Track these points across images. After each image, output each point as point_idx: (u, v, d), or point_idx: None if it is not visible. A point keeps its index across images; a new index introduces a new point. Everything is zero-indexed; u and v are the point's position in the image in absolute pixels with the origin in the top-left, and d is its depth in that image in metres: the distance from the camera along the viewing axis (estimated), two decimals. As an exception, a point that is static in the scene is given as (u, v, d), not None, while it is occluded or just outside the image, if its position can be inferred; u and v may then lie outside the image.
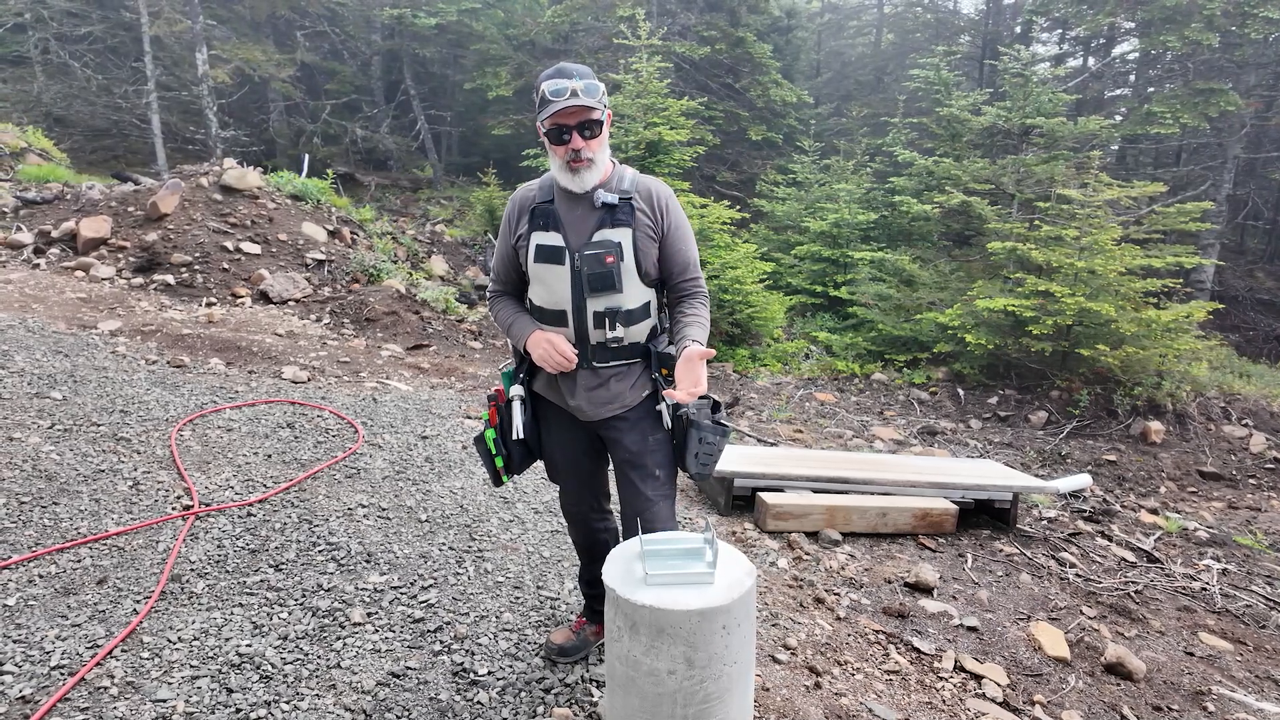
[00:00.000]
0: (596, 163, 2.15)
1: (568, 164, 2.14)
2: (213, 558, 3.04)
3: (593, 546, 2.60)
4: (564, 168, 2.15)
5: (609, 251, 2.18)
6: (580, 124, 2.09)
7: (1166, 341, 7.56)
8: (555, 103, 2.05)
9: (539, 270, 2.24)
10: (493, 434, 2.38)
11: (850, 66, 22.69)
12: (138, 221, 8.47)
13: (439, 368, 6.84)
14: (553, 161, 2.19)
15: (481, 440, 2.41)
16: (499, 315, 2.41)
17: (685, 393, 2.03)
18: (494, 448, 2.38)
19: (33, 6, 15.49)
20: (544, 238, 2.22)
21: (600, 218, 2.19)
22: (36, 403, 4.23)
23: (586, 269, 2.18)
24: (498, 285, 2.43)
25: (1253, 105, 13.48)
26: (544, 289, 2.26)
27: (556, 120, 2.08)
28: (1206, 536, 5.07)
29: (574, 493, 2.52)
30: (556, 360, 2.22)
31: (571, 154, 2.12)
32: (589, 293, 2.19)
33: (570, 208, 2.22)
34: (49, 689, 2.23)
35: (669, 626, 1.72)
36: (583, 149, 2.12)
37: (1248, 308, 14.81)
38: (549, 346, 2.23)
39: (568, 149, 2.12)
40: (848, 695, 2.75)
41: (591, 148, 2.13)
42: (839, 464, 4.75)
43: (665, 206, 2.26)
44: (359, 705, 2.33)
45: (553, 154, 2.17)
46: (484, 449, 2.41)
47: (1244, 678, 3.38)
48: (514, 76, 17.86)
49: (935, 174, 11.52)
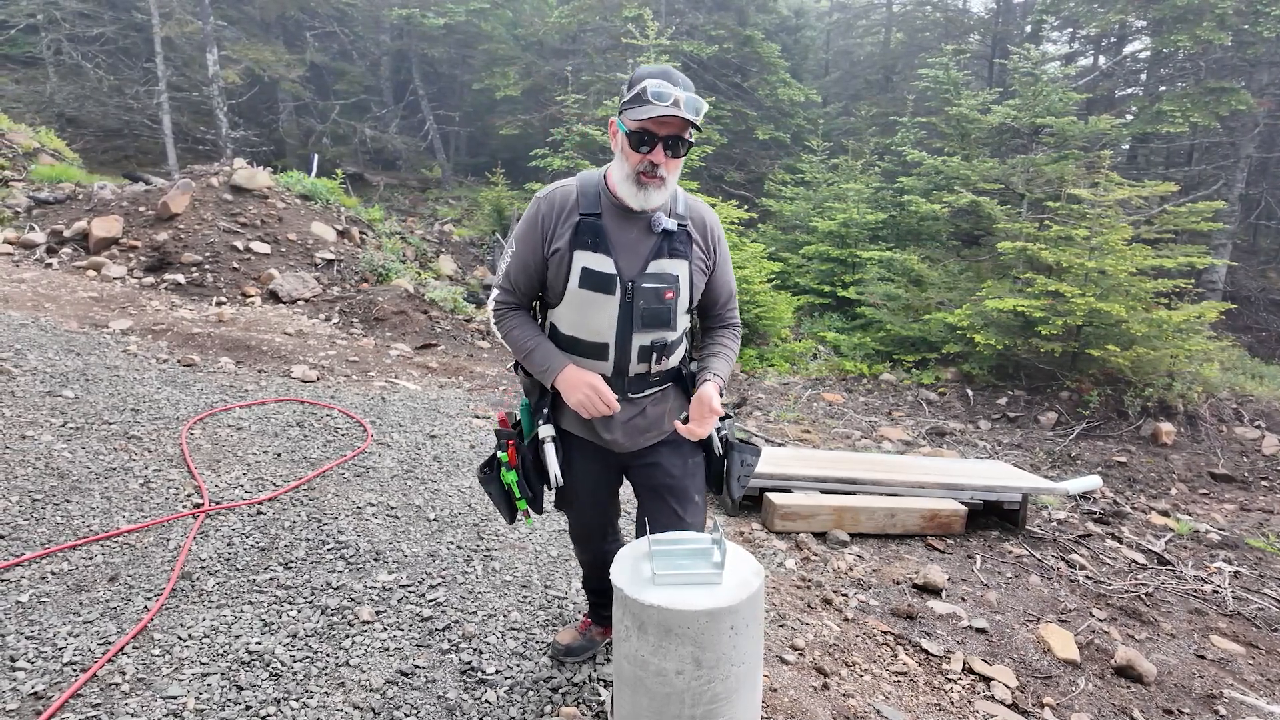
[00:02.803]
0: (668, 185, 1.92)
1: (638, 175, 1.89)
2: (223, 556, 3.06)
3: (603, 565, 2.39)
4: (632, 178, 1.89)
5: (669, 287, 1.98)
6: (671, 137, 1.87)
7: (1178, 342, 7.51)
8: (654, 106, 1.82)
9: (581, 297, 1.97)
10: (514, 476, 2.13)
11: (859, 65, 22.60)
12: (149, 221, 8.53)
13: (447, 367, 6.86)
14: (619, 167, 1.93)
15: (497, 480, 2.18)
16: (513, 334, 2.06)
17: (697, 427, 1.98)
18: (517, 490, 2.14)
19: (45, 8, 15.62)
20: (592, 260, 1.94)
21: (657, 245, 1.97)
22: (49, 401, 4.26)
23: (642, 303, 1.96)
24: (509, 297, 2.09)
25: (1265, 104, 13.36)
26: (580, 318, 2.01)
27: (647, 125, 1.84)
28: (1218, 539, 5.04)
29: (589, 522, 2.36)
30: (599, 409, 1.98)
31: (648, 166, 1.88)
32: (638, 328, 1.99)
33: (622, 227, 1.96)
34: (61, 685, 2.25)
35: (677, 627, 1.72)
36: (662, 165, 1.88)
37: (1260, 308, 14.69)
38: (591, 394, 1.97)
39: (645, 159, 1.87)
40: (856, 696, 2.74)
41: (670, 167, 1.90)
42: (847, 464, 4.73)
43: (717, 238, 2.10)
44: (367, 703, 2.34)
45: (622, 158, 1.91)
46: (499, 490, 2.18)
47: (1256, 681, 3.36)
48: (522, 76, 17.90)
49: (944, 173, 11.47)
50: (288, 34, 19.20)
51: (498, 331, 2.11)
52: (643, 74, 1.88)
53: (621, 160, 1.92)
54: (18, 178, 9.80)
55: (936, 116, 13.38)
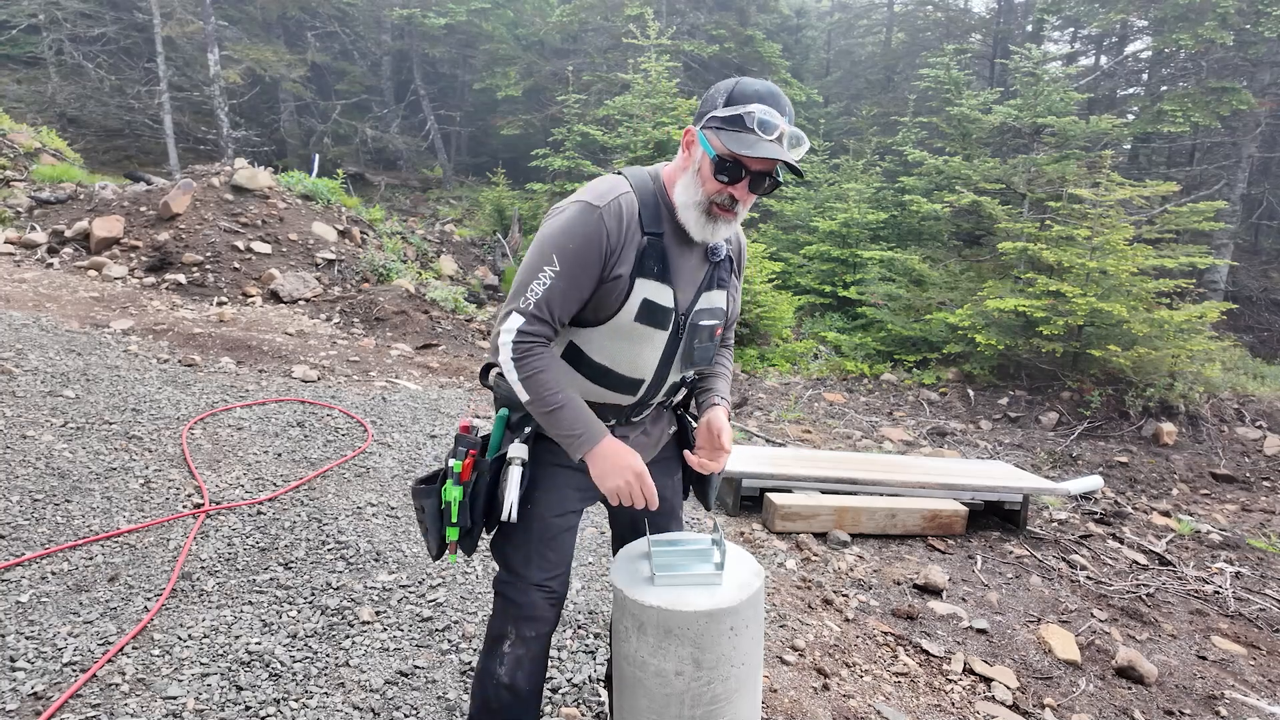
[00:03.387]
0: (739, 219, 1.67)
1: (711, 206, 1.61)
2: (223, 556, 3.06)
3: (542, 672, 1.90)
4: (704, 208, 1.61)
5: (719, 323, 1.80)
6: (764, 173, 1.60)
7: (1179, 342, 7.50)
8: (756, 138, 1.54)
9: (632, 330, 1.68)
10: (459, 494, 1.73)
11: (860, 65, 22.58)
12: (150, 221, 8.54)
13: (448, 367, 6.86)
14: (688, 190, 1.62)
15: (435, 495, 1.76)
16: (539, 380, 1.63)
17: (711, 460, 1.83)
18: (455, 513, 1.73)
19: (47, 8, 15.63)
20: (654, 291, 1.66)
21: (709, 274, 1.76)
22: (50, 401, 4.27)
23: (696, 342, 1.77)
24: (542, 330, 1.64)
25: (1267, 104, 13.34)
26: (621, 350, 1.72)
27: (742, 156, 1.56)
28: (1219, 539, 5.03)
29: (557, 576, 1.84)
30: (637, 501, 1.69)
31: (726, 199, 1.60)
32: (681, 365, 1.79)
33: (682, 252, 1.70)
34: (61, 685, 2.25)
35: (677, 627, 1.72)
36: (743, 202, 1.63)
37: (1262, 308, 14.67)
38: (634, 483, 1.67)
39: (725, 191, 1.59)
40: (856, 697, 2.74)
41: (748, 201, 1.64)
42: (848, 465, 4.73)
43: (744, 262, 1.93)
44: (367, 703, 2.34)
45: (695, 181, 1.61)
46: (434, 507, 1.76)
47: (1257, 682, 3.35)
48: (523, 76, 17.91)
49: (945, 173, 11.46)
50: (289, 34, 19.21)
51: (514, 371, 1.63)
52: (748, 92, 1.56)
53: (694, 183, 1.62)
54: (19, 178, 9.81)
55: (938, 116, 13.37)
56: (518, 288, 1.64)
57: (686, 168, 1.65)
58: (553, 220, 1.65)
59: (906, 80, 18.23)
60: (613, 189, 1.65)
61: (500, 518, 1.72)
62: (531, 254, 1.64)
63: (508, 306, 1.65)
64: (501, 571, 1.86)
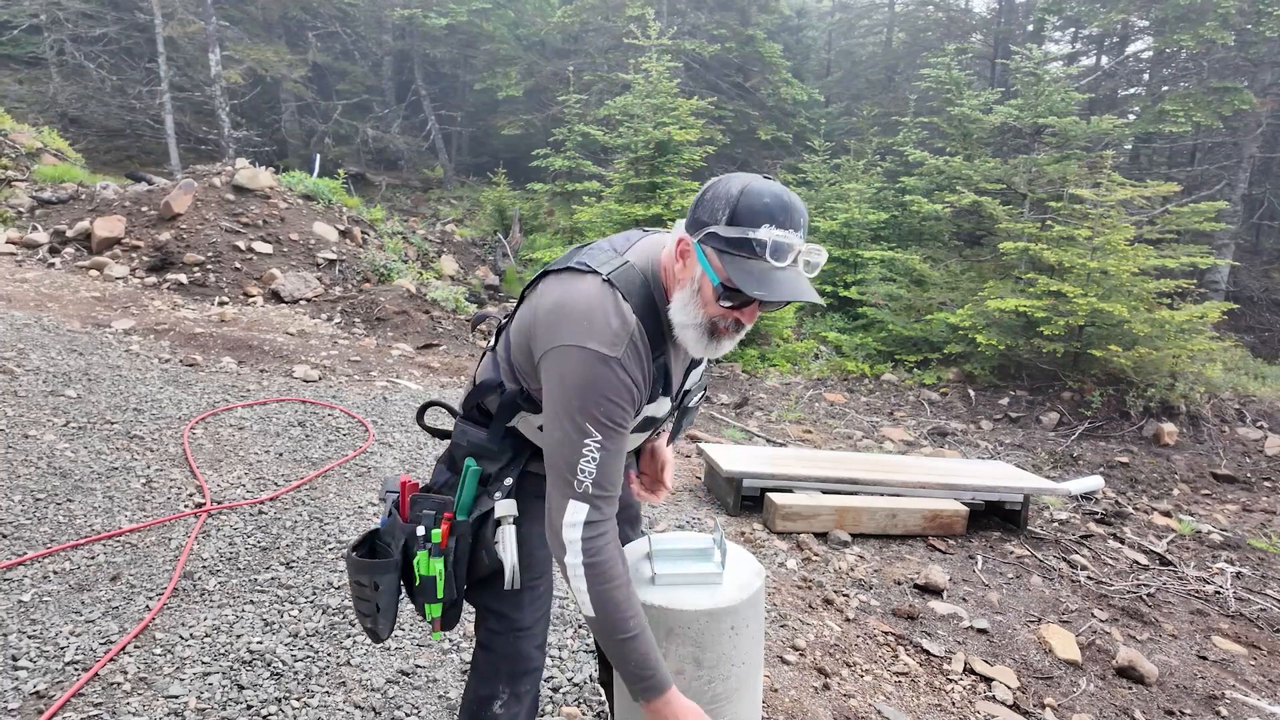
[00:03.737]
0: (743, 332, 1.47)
1: (713, 328, 1.41)
2: (224, 555, 3.07)
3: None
4: (704, 329, 1.41)
5: (704, 388, 1.73)
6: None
7: (1180, 342, 7.50)
8: (769, 268, 1.32)
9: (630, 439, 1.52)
10: (440, 565, 1.52)
11: (861, 65, 22.57)
12: (151, 221, 8.55)
13: (449, 367, 6.87)
14: (686, 310, 1.41)
15: (400, 571, 1.55)
16: (615, 601, 1.40)
17: (652, 495, 1.76)
18: (442, 588, 1.52)
19: (48, 8, 15.64)
20: (655, 407, 1.55)
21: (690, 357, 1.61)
22: (51, 400, 4.27)
23: (686, 420, 1.72)
24: (608, 509, 1.42)
25: (1268, 104, 13.33)
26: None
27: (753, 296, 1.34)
28: (1220, 539, 5.03)
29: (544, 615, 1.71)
30: None
31: (732, 324, 1.41)
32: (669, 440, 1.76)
33: (677, 356, 1.55)
34: (63, 684, 2.26)
35: (677, 627, 1.72)
36: (750, 322, 1.44)
37: (1263, 308, 14.66)
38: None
39: (731, 315, 1.39)
40: (856, 697, 2.74)
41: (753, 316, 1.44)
42: (848, 465, 4.73)
43: None
44: (369, 702, 2.34)
45: (695, 302, 1.40)
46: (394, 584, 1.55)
47: (1258, 682, 3.35)
48: (524, 76, 17.91)
49: (946, 173, 11.45)
50: (290, 34, 19.22)
51: (584, 579, 1.39)
52: (756, 208, 1.31)
53: (694, 303, 1.40)
54: (21, 178, 9.82)
55: (938, 116, 13.36)
56: (562, 469, 1.39)
57: (683, 282, 1.41)
58: (566, 377, 1.38)
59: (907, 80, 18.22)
60: (622, 328, 1.38)
61: (505, 583, 1.50)
62: (560, 423, 1.38)
63: (560, 493, 1.40)
64: (489, 620, 1.64)
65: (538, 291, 1.52)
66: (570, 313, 1.40)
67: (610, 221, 10.46)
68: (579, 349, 1.37)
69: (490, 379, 1.61)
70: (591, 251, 1.51)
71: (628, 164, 10.66)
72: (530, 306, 1.51)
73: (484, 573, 1.56)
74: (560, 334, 1.39)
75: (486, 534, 1.55)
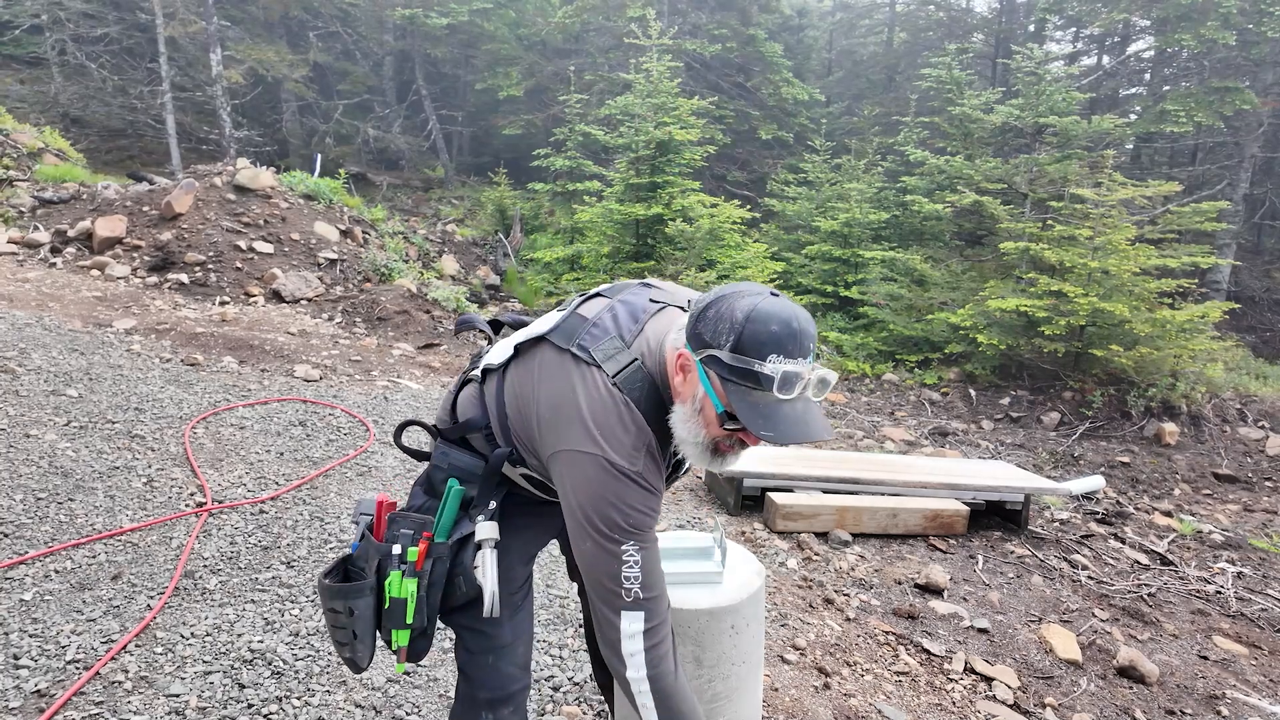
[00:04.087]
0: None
1: (715, 446, 1.35)
2: (225, 554, 3.07)
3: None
4: (707, 447, 1.35)
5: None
6: None
7: (1181, 342, 7.49)
8: (776, 403, 1.25)
9: None
10: (414, 587, 1.45)
11: (862, 65, 22.55)
12: (152, 221, 8.55)
13: (450, 366, 6.87)
14: (687, 426, 1.34)
15: (370, 593, 1.48)
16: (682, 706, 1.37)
17: None
18: (411, 613, 1.45)
19: (49, 8, 15.65)
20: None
21: None
22: (53, 400, 4.28)
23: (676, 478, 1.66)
24: (662, 609, 1.39)
25: (1270, 104, 13.32)
26: None
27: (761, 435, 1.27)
28: (1221, 539, 5.02)
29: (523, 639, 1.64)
30: None
31: (738, 444, 1.36)
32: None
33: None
34: (64, 683, 2.26)
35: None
36: (753, 445, 1.38)
37: (1264, 308, 14.65)
38: None
39: (735, 436, 1.33)
40: (857, 696, 2.74)
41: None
42: (849, 464, 4.73)
43: None
44: (369, 701, 2.34)
45: (697, 420, 1.33)
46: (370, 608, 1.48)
47: (1259, 682, 3.35)
48: (525, 76, 17.91)
49: (947, 173, 11.44)
50: (291, 34, 19.23)
51: (648, 696, 1.34)
52: (762, 336, 1.24)
53: (696, 423, 1.33)
54: (22, 177, 9.83)
55: (939, 116, 13.35)
56: (605, 581, 1.34)
57: (684, 398, 1.34)
58: (588, 488, 1.33)
59: (908, 80, 18.21)
60: (638, 439, 1.34)
61: (484, 610, 1.44)
62: (590, 538, 1.34)
63: (609, 606, 1.35)
64: (466, 640, 1.59)
65: (535, 363, 1.44)
66: (580, 415, 1.33)
67: (611, 221, 10.47)
68: (594, 458, 1.31)
69: (475, 419, 1.53)
70: (595, 334, 1.41)
71: (628, 164, 10.66)
72: (529, 378, 1.44)
73: (459, 601, 1.50)
74: (571, 437, 1.34)
75: (465, 558, 1.49)
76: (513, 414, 1.48)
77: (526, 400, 1.44)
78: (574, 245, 11.50)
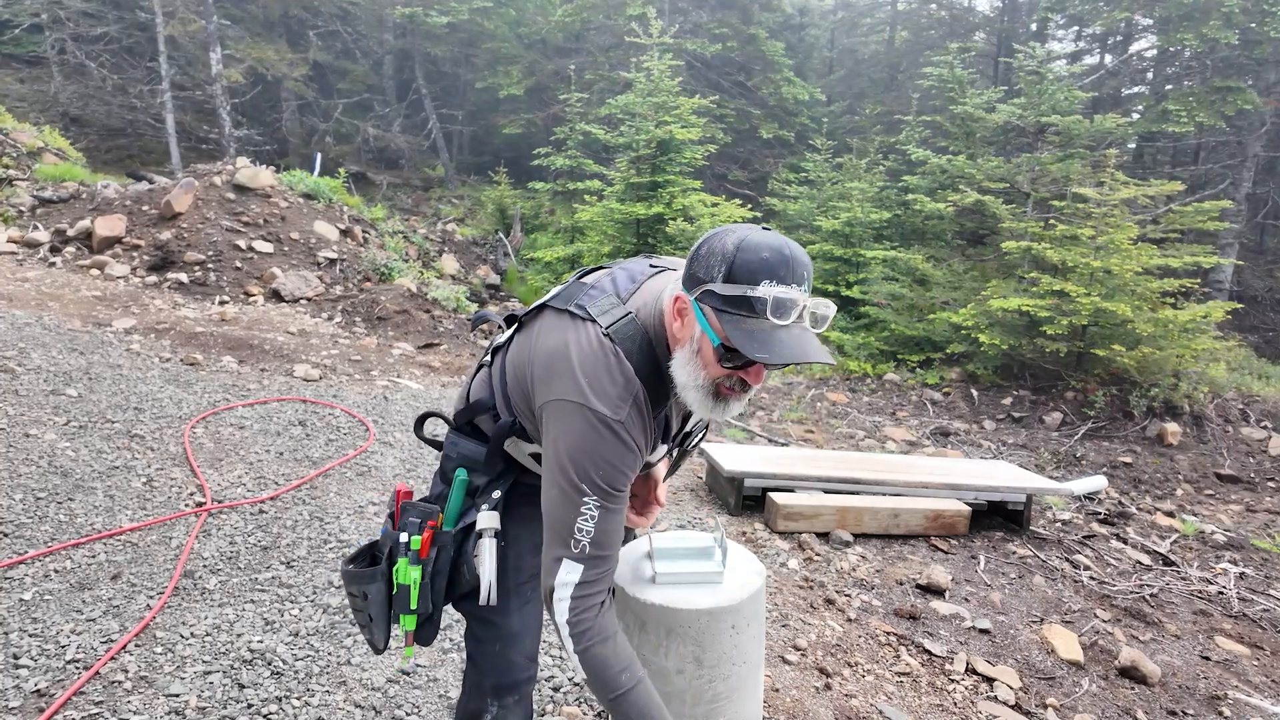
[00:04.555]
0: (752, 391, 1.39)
1: (716, 389, 1.33)
2: (225, 554, 3.06)
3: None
4: (708, 391, 1.33)
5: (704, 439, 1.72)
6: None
7: (1184, 342, 7.47)
8: (771, 327, 1.24)
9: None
10: (417, 574, 1.50)
11: (863, 64, 22.55)
12: (152, 220, 8.55)
13: (450, 366, 6.86)
14: (686, 370, 1.33)
15: (382, 578, 1.52)
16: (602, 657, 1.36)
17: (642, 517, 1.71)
18: (415, 599, 1.50)
19: (49, 7, 15.66)
20: (653, 454, 1.54)
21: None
22: (52, 400, 4.27)
23: (684, 459, 1.72)
24: (604, 570, 1.39)
25: (1272, 104, 13.29)
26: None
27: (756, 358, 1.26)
28: (1224, 540, 5.01)
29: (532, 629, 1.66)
30: None
31: (737, 385, 1.34)
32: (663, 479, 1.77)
33: (677, 403, 1.47)
34: (64, 682, 2.25)
35: (678, 626, 1.71)
36: (756, 382, 1.36)
37: (1267, 308, 14.63)
38: None
39: (735, 375, 1.32)
40: (858, 696, 2.73)
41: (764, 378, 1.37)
42: (851, 464, 4.72)
43: None
44: (369, 701, 2.34)
45: (695, 362, 1.32)
46: (382, 593, 1.52)
47: (1261, 683, 3.34)
48: (525, 75, 17.90)
49: (949, 172, 11.43)
50: (291, 33, 19.22)
51: (571, 640, 1.36)
52: (754, 264, 1.24)
53: (694, 364, 1.32)
54: (22, 177, 9.83)
55: (941, 115, 13.33)
56: (558, 529, 1.36)
57: (682, 342, 1.34)
58: (567, 434, 1.34)
59: (910, 79, 18.20)
60: (625, 389, 1.33)
61: (480, 599, 1.48)
62: (558, 484, 1.35)
63: (553, 553, 1.37)
64: (475, 628, 1.61)
65: (535, 328, 1.47)
66: (569, 366, 1.34)
67: (612, 220, 10.46)
68: (579, 407, 1.32)
69: (483, 399, 1.58)
70: (593, 294, 1.43)
71: (629, 163, 10.65)
72: (527, 342, 1.47)
73: (465, 589, 1.53)
74: (560, 387, 1.34)
75: (469, 547, 1.52)
76: (511, 380, 1.50)
77: (524, 362, 1.46)
78: (574, 244, 11.50)
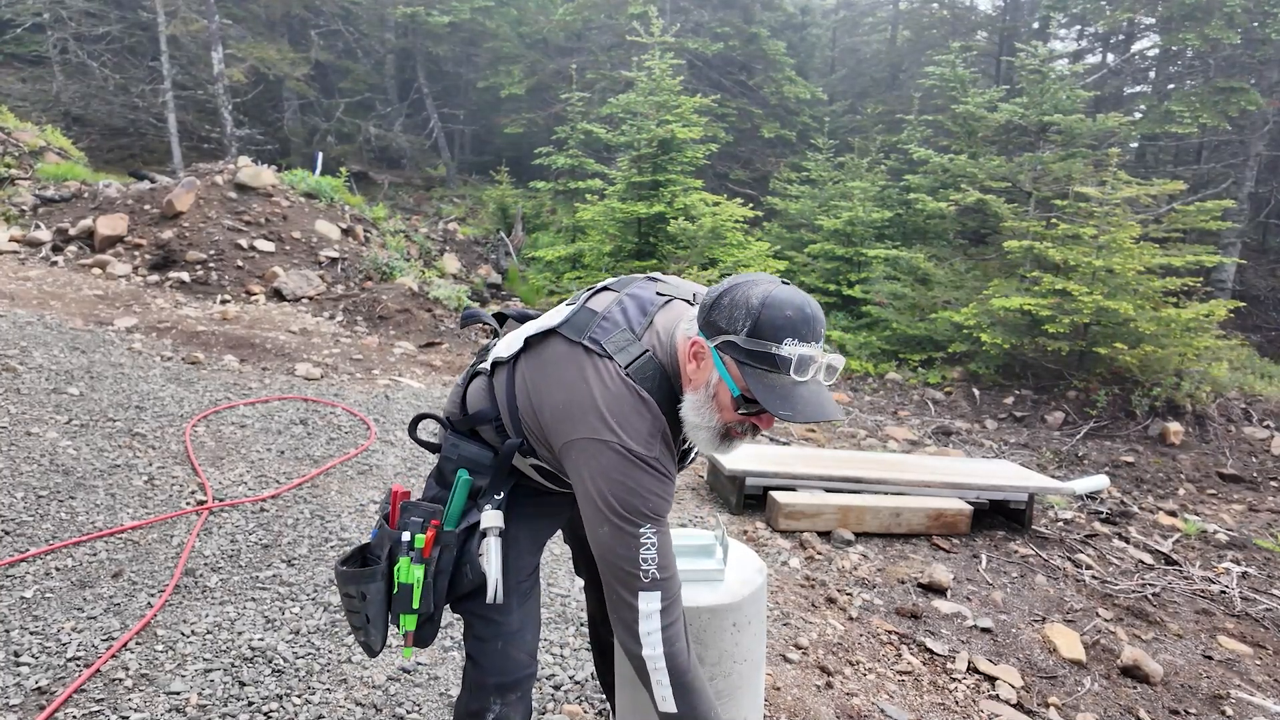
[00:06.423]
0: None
1: (726, 433, 1.41)
2: (226, 552, 3.06)
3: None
4: (719, 432, 1.40)
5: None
6: None
7: (1186, 341, 7.46)
8: (791, 384, 1.30)
9: None
10: (420, 573, 1.50)
11: (865, 63, 22.51)
12: (154, 219, 8.55)
13: (451, 365, 6.86)
14: (699, 412, 1.39)
15: (381, 578, 1.52)
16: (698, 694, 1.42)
17: None
18: (418, 598, 1.50)
19: (51, 7, 15.67)
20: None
21: None
22: (54, 398, 4.27)
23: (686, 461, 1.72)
24: (676, 588, 1.43)
25: (1275, 104, 13.25)
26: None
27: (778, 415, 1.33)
28: (1226, 539, 5.00)
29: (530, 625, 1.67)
30: None
31: (750, 429, 1.41)
32: None
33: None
34: (65, 680, 2.25)
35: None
36: (765, 429, 1.43)
37: (1269, 307, 14.60)
38: None
39: (748, 421, 1.39)
40: (859, 695, 2.73)
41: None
42: (852, 464, 4.71)
43: None
44: (369, 700, 2.34)
45: (710, 406, 1.38)
46: (380, 593, 1.52)
47: (1263, 682, 3.33)
48: (526, 74, 17.89)
49: (951, 171, 11.40)
50: (293, 32, 19.22)
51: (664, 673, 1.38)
52: (778, 321, 1.29)
53: (709, 408, 1.38)
54: (24, 176, 9.84)
55: (943, 114, 13.31)
56: (622, 565, 1.37)
57: (696, 385, 1.38)
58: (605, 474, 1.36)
59: (912, 78, 18.18)
60: (653, 426, 1.38)
61: (488, 597, 1.49)
62: (609, 521, 1.37)
63: (623, 593, 1.39)
64: (476, 626, 1.61)
65: (545, 356, 1.47)
66: (594, 405, 1.36)
67: (613, 219, 10.45)
68: (613, 447, 1.35)
69: (485, 411, 1.58)
70: (606, 326, 1.44)
71: (630, 162, 10.64)
72: (539, 370, 1.47)
73: (467, 588, 1.55)
74: (587, 426, 1.36)
75: (472, 546, 1.54)
76: (523, 406, 1.51)
77: (539, 392, 1.47)
78: (576, 244, 11.49)
